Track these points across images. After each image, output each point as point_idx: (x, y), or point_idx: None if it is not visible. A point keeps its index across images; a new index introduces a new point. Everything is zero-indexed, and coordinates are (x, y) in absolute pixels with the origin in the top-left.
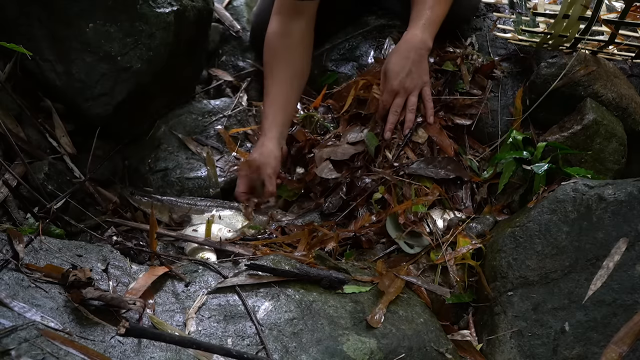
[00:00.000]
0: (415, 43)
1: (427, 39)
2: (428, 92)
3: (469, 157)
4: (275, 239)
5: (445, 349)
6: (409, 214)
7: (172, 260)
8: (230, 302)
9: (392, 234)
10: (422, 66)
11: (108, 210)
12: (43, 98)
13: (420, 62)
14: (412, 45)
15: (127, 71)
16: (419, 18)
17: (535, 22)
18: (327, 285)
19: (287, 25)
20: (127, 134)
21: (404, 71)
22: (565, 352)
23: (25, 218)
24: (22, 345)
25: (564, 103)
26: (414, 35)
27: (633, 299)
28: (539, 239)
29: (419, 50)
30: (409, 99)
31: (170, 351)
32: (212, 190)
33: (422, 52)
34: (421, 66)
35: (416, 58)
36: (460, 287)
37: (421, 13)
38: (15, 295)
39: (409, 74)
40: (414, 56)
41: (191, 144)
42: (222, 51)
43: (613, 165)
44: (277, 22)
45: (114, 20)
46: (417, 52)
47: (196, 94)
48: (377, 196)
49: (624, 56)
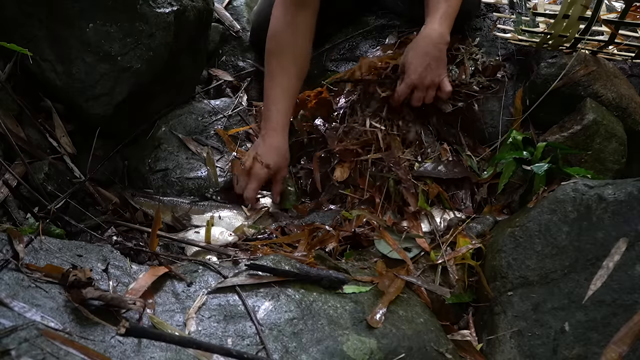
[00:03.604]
0: (434, 38)
1: (445, 33)
2: (446, 84)
3: (467, 153)
4: (275, 239)
5: (445, 349)
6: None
7: (172, 260)
8: (231, 302)
9: (384, 252)
10: (441, 61)
11: (108, 210)
12: (43, 98)
13: (439, 57)
14: (431, 40)
15: (127, 71)
16: (436, 11)
17: (535, 22)
18: (327, 285)
19: (293, 15)
20: (127, 134)
21: (423, 66)
22: (565, 352)
23: (25, 218)
24: (22, 345)
25: (564, 103)
26: (432, 29)
27: (633, 299)
28: (539, 239)
29: (437, 45)
30: (427, 94)
31: (170, 351)
32: (212, 190)
33: (441, 47)
34: (440, 61)
35: (436, 53)
36: (460, 287)
37: (437, 6)
38: (15, 295)
39: (428, 68)
40: (433, 51)
41: (191, 144)
42: (222, 51)
43: (613, 165)
44: (282, 12)
45: (114, 20)
46: (436, 47)
47: (196, 94)
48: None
49: (624, 56)
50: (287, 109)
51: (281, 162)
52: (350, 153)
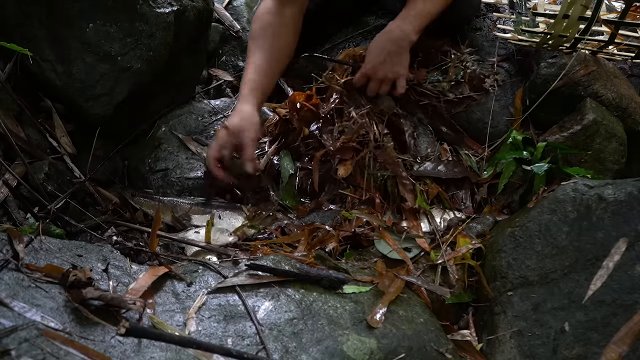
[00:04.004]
0: (396, 34)
1: (410, 32)
2: (402, 83)
3: (464, 152)
4: (275, 239)
5: (445, 349)
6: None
7: (172, 260)
8: (231, 302)
9: (384, 252)
10: (399, 58)
11: (108, 210)
12: (43, 98)
13: (397, 54)
14: (391, 36)
15: (127, 71)
16: (409, 9)
17: (535, 22)
18: (327, 285)
19: (280, 7)
20: (127, 134)
21: (378, 60)
22: (565, 352)
23: (25, 218)
24: (22, 345)
25: (564, 103)
26: (396, 26)
27: (633, 299)
28: (539, 239)
29: (397, 42)
30: (381, 87)
31: (170, 351)
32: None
33: (402, 44)
34: (398, 58)
35: (393, 49)
36: (460, 287)
37: (413, 4)
38: (15, 295)
39: (383, 63)
40: (390, 47)
41: (191, 144)
42: (222, 51)
43: (613, 165)
44: (270, 3)
45: (114, 20)
46: (394, 44)
47: (196, 94)
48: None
49: (624, 56)
50: (257, 82)
51: (244, 124)
52: (350, 149)
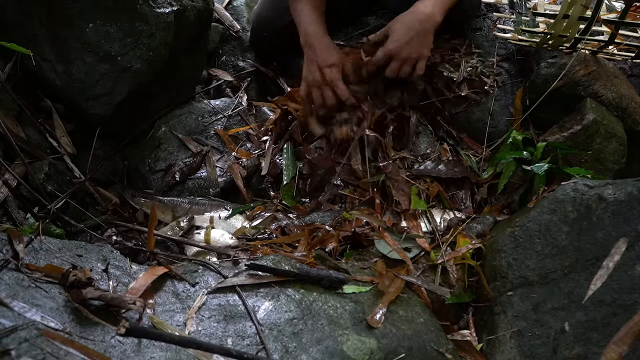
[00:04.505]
0: (424, 14)
1: (436, 14)
2: (422, 65)
3: (464, 151)
4: (275, 239)
5: (445, 349)
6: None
7: (171, 260)
8: (231, 302)
9: (384, 252)
10: (425, 39)
11: (108, 210)
12: (43, 98)
13: (424, 35)
14: (420, 16)
15: (127, 71)
16: None
17: (535, 22)
18: (327, 285)
19: None
20: (127, 134)
21: (405, 39)
22: (565, 352)
23: (25, 218)
24: (22, 345)
25: (564, 103)
26: (424, 6)
27: (633, 299)
28: (539, 239)
29: (424, 23)
30: (403, 68)
31: (170, 351)
32: (212, 190)
33: (428, 26)
34: (424, 38)
35: (420, 29)
36: (460, 287)
37: None
38: (15, 295)
39: (410, 42)
40: (418, 27)
41: (191, 144)
42: (222, 51)
43: (613, 165)
44: None
45: (114, 20)
46: (422, 24)
47: (196, 94)
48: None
49: (624, 56)
50: (320, 18)
51: (341, 56)
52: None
